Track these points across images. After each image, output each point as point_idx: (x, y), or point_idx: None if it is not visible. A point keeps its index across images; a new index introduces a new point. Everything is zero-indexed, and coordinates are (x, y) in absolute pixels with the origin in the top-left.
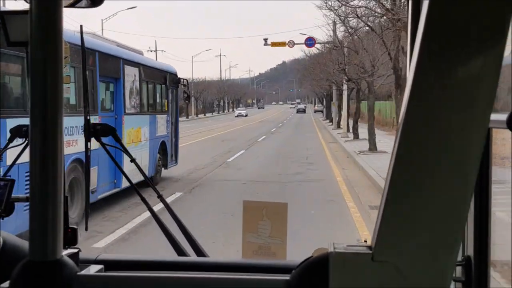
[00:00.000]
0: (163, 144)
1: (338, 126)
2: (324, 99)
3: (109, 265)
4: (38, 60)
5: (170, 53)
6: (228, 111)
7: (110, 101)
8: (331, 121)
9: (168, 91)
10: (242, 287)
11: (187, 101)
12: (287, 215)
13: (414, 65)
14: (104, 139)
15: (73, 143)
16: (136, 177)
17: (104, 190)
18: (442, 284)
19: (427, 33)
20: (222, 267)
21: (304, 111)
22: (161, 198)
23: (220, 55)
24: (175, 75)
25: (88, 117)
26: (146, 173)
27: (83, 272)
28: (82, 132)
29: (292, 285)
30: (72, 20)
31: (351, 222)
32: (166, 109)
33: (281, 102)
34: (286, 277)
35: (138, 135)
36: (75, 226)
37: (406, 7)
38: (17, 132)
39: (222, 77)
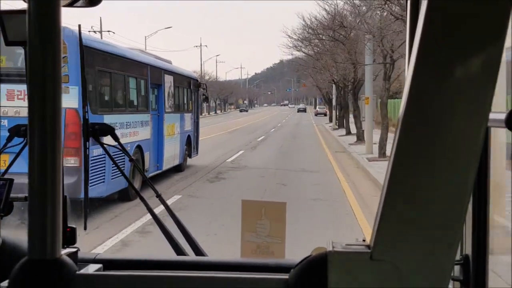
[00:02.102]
0: (188, 137)
1: (383, 154)
2: (337, 94)
3: (107, 264)
4: (37, 59)
5: (121, 35)
6: (209, 113)
7: (155, 103)
8: (349, 133)
9: (191, 94)
10: (241, 286)
11: (205, 102)
12: (286, 214)
13: (412, 64)
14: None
15: (135, 133)
16: (170, 163)
17: (152, 171)
18: (441, 283)
19: (425, 32)
20: (221, 266)
21: (304, 110)
22: (160, 197)
23: (201, 45)
24: (197, 80)
25: (86, 117)
26: (177, 160)
27: (82, 271)
28: (142, 126)
29: (290, 284)
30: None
31: None
32: (191, 108)
33: (274, 104)
34: (285, 276)
35: (173, 129)
36: (74, 226)
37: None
38: (15, 131)
39: (213, 76)
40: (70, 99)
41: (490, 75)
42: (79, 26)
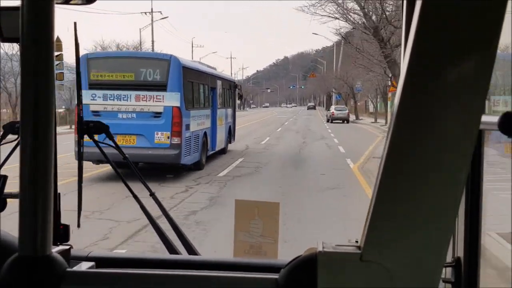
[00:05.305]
0: (229, 127)
1: None
2: None
3: (100, 262)
4: (30, 57)
5: None
6: None
7: (211, 101)
8: None
9: (231, 93)
10: (231, 285)
11: (240, 100)
12: (279, 214)
13: (406, 66)
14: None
15: (204, 123)
16: (219, 146)
17: (210, 151)
18: (431, 284)
19: (419, 34)
20: (213, 265)
21: (314, 107)
22: (153, 196)
23: (152, 12)
24: (235, 82)
25: (81, 115)
26: (223, 145)
27: (73, 268)
28: (206, 118)
29: (280, 284)
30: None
31: None
32: (231, 105)
33: (266, 104)
34: (275, 276)
35: (222, 121)
36: (67, 223)
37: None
38: (10, 128)
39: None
40: (174, 100)
41: (483, 76)
42: (75, 23)
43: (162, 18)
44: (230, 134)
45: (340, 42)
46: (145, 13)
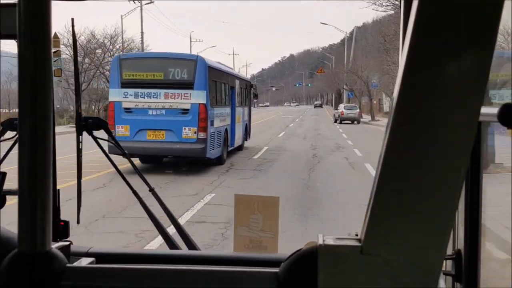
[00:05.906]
0: (246, 125)
1: None
2: None
3: (100, 258)
4: (27, 53)
5: None
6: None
7: (230, 100)
8: None
9: (247, 93)
10: (232, 280)
11: (255, 99)
12: (279, 208)
13: (404, 60)
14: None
15: (225, 120)
16: (237, 143)
17: (230, 146)
18: (431, 277)
19: (417, 29)
20: (213, 260)
21: (320, 105)
22: (152, 191)
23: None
24: (250, 82)
25: (79, 111)
26: (240, 141)
27: (73, 264)
28: (227, 116)
29: (281, 278)
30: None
31: None
32: (247, 104)
33: (267, 103)
34: (276, 269)
35: (239, 119)
36: (67, 219)
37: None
38: (8, 125)
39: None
40: (200, 98)
41: (482, 71)
42: (72, 20)
43: (148, 3)
44: (247, 132)
45: (352, 33)
46: (133, 1)
